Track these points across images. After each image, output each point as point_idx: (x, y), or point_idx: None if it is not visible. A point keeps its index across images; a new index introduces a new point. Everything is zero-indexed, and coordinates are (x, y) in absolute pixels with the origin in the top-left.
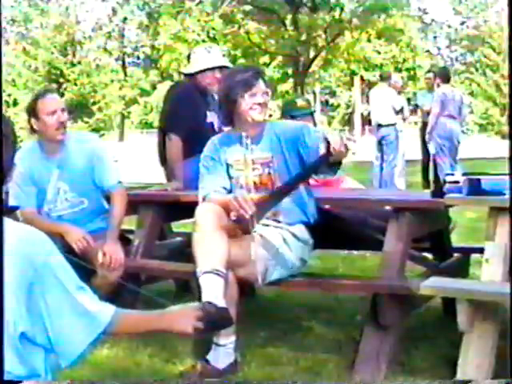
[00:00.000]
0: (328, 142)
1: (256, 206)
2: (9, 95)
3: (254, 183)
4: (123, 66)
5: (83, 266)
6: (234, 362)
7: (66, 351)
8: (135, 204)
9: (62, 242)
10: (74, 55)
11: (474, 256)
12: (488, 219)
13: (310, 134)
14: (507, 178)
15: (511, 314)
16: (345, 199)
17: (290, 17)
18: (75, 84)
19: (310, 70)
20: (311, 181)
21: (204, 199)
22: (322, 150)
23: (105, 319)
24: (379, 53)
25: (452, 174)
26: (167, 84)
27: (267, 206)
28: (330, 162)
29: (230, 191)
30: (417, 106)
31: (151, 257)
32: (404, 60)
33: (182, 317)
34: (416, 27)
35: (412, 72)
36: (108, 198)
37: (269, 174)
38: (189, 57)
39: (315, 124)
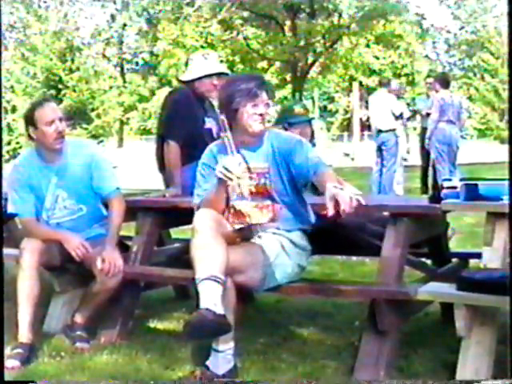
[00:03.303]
0: (337, 202)
1: (260, 226)
2: (8, 101)
3: (251, 192)
4: (122, 72)
5: (82, 272)
6: (234, 368)
7: None
8: (134, 210)
9: (61, 249)
10: (72, 61)
11: (473, 261)
12: (486, 224)
13: (301, 153)
14: (505, 183)
15: (511, 320)
16: None
17: (288, 23)
18: (74, 90)
19: (309, 76)
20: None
21: (199, 207)
22: (331, 210)
23: None
24: (378, 58)
25: (449, 180)
26: (166, 90)
27: (271, 227)
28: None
29: (226, 199)
30: (415, 111)
31: (150, 263)
32: (403, 65)
33: None
34: (414, 32)
35: (411, 77)
36: (106, 205)
37: (264, 184)
38: (187, 63)
39: (313, 131)
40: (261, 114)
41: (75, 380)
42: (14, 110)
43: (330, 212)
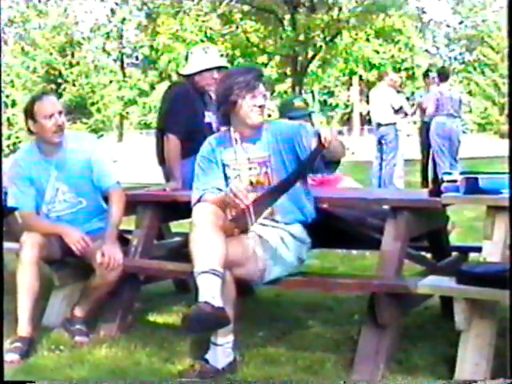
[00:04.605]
0: (319, 136)
1: (253, 204)
2: (7, 96)
3: (251, 182)
4: (122, 66)
5: (81, 266)
6: (233, 362)
7: None
8: (133, 204)
9: (61, 243)
10: (72, 56)
11: (472, 255)
12: (486, 218)
13: (308, 134)
14: (504, 176)
15: (511, 314)
16: (343, 198)
17: (288, 17)
18: (74, 85)
19: (309, 70)
20: (309, 180)
21: (199, 200)
22: (314, 144)
23: None
24: (378, 52)
25: (450, 173)
26: (166, 84)
27: (264, 203)
28: (328, 160)
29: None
30: (414, 105)
31: (149, 257)
32: (403, 60)
33: None
34: (414, 27)
35: (411, 71)
36: (106, 199)
37: (266, 173)
38: (187, 57)
39: (313, 125)
40: (260, 106)
41: (74, 374)
42: (13, 104)
43: (313, 145)
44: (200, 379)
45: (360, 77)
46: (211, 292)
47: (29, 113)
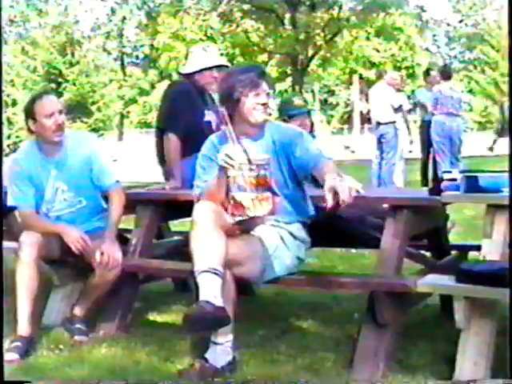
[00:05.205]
0: (336, 193)
1: (261, 218)
2: (8, 95)
3: (251, 183)
4: (122, 65)
5: (81, 265)
6: (232, 361)
7: None
8: (133, 203)
9: (60, 243)
10: (72, 55)
11: (472, 253)
12: (485, 216)
13: (302, 145)
14: (504, 175)
15: (510, 314)
16: None
17: (288, 15)
18: (74, 84)
19: (309, 69)
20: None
21: (199, 199)
22: (330, 202)
23: None
24: (378, 51)
25: (449, 172)
26: (166, 83)
27: (268, 219)
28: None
29: (226, 190)
30: (415, 104)
31: (149, 256)
32: (403, 58)
33: None
34: (415, 25)
35: (411, 70)
36: (106, 198)
37: (264, 175)
38: (187, 56)
39: (312, 123)
40: (263, 104)
41: (74, 373)
42: (14, 103)
43: (330, 203)
44: (199, 378)
45: (360, 75)
46: (212, 291)
47: (29, 112)
